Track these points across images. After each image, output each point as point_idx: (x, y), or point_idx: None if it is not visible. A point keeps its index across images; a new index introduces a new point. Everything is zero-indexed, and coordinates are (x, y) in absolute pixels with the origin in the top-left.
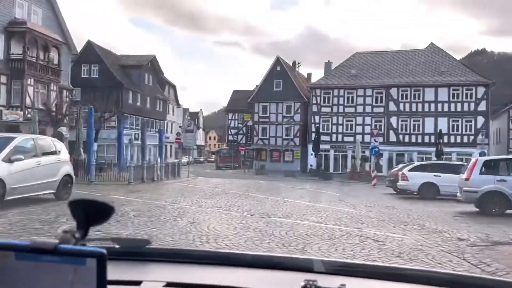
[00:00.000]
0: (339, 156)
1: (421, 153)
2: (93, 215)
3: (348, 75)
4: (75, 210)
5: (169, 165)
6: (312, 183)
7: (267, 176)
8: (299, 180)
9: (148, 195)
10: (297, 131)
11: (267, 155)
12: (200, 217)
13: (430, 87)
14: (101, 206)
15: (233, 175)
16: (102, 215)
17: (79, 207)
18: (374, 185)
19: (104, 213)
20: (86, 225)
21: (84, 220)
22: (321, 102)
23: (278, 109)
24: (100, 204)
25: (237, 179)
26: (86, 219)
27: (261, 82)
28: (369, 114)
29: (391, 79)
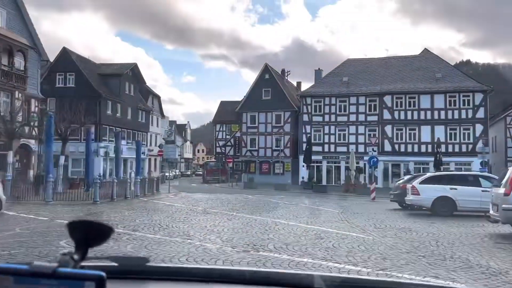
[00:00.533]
0: (332, 168)
1: (418, 163)
2: (91, 236)
3: (339, 83)
4: (73, 232)
5: (145, 180)
6: (305, 197)
7: (256, 190)
8: (291, 194)
9: (107, 218)
10: (288, 141)
11: (256, 167)
12: (160, 253)
13: (425, 94)
14: (99, 227)
15: (220, 190)
16: (100, 236)
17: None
18: (374, 198)
19: (103, 234)
20: (85, 247)
21: (83, 241)
22: (312, 111)
23: (267, 118)
24: (98, 225)
25: (223, 194)
26: (84, 241)
27: (249, 90)
28: (363, 123)
29: (385, 86)
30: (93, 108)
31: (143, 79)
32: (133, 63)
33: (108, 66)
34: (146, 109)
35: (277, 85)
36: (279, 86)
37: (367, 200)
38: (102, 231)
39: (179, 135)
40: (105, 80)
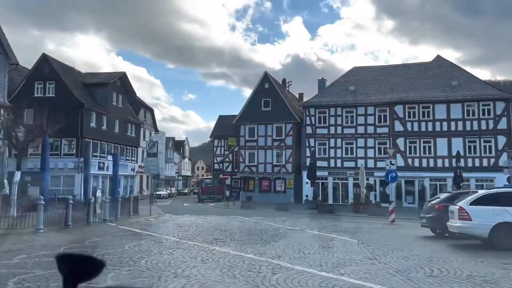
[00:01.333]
0: (339, 185)
1: (434, 180)
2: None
3: (345, 92)
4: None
5: (117, 200)
6: (311, 219)
7: (255, 210)
8: (294, 215)
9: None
10: (289, 156)
11: (255, 184)
12: None
13: (441, 103)
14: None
15: (213, 210)
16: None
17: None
18: (393, 221)
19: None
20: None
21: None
22: (316, 123)
23: (267, 131)
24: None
25: (215, 216)
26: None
27: (247, 101)
28: (372, 136)
29: (396, 94)
30: (74, 119)
31: (132, 89)
32: (121, 72)
33: (94, 75)
34: (136, 122)
35: (278, 94)
36: (279, 95)
37: (384, 223)
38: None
39: (177, 151)
40: (90, 89)
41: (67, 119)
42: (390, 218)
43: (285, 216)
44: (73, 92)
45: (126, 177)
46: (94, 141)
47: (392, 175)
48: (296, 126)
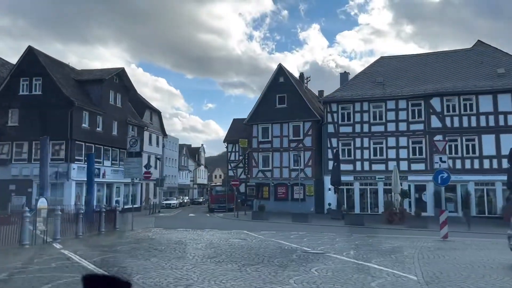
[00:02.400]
0: (367, 191)
1: (480, 183)
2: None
3: (372, 84)
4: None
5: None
6: (336, 234)
7: (267, 222)
8: (315, 228)
9: None
10: (309, 159)
11: (270, 191)
12: None
13: (486, 94)
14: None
15: (218, 222)
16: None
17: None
18: (446, 237)
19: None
20: None
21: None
22: (338, 120)
23: (282, 131)
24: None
25: (216, 230)
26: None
27: (260, 97)
28: (405, 134)
29: (431, 85)
30: (63, 119)
31: (133, 88)
32: (119, 67)
33: (90, 72)
34: (139, 124)
35: (295, 89)
36: (297, 90)
37: (434, 239)
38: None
39: (192, 159)
40: (84, 87)
41: (55, 119)
42: (442, 232)
43: (304, 229)
44: (62, 89)
45: (127, 185)
46: (87, 144)
47: (443, 175)
48: (316, 125)
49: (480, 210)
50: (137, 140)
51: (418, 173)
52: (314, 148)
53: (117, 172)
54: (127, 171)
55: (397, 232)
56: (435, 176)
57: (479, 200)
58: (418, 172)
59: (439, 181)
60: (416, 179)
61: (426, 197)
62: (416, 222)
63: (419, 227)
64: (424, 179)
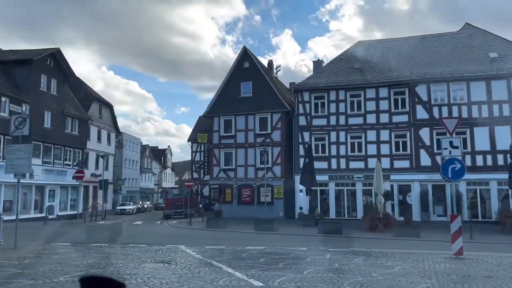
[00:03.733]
0: (344, 193)
1: (473, 183)
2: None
3: (349, 70)
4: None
5: None
6: (308, 248)
7: (224, 230)
8: (282, 238)
9: None
10: (278, 156)
11: (233, 194)
12: None
13: (478, 80)
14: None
15: (162, 233)
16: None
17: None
18: (460, 253)
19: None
20: None
21: None
22: (311, 111)
23: (247, 123)
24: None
25: (144, 245)
26: None
27: (222, 85)
28: (387, 126)
29: (416, 70)
30: None
31: (72, 73)
32: (54, 48)
33: (17, 52)
34: (80, 116)
35: (262, 76)
36: (264, 77)
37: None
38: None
39: (157, 161)
40: (8, 70)
41: None
42: (455, 247)
43: (266, 241)
44: None
45: (65, 188)
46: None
47: (455, 166)
48: (286, 117)
49: (473, 213)
50: (24, 120)
51: (402, 172)
52: (284, 144)
53: (51, 172)
54: (10, 164)
55: (386, 244)
56: (444, 167)
57: (471, 203)
58: (402, 171)
59: (449, 174)
60: (399, 178)
61: (411, 199)
62: (405, 229)
63: (410, 235)
64: (409, 178)
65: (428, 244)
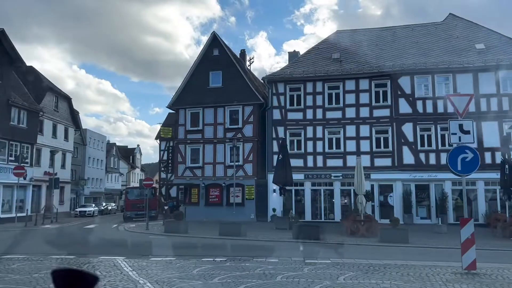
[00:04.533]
0: (320, 193)
1: (458, 183)
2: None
3: (327, 61)
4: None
5: None
6: (279, 261)
7: (184, 236)
8: (251, 244)
9: None
10: (250, 152)
11: (200, 194)
12: None
13: (465, 72)
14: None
15: (110, 239)
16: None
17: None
18: (472, 266)
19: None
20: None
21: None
22: (286, 104)
23: (217, 117)
24: (83, 274)
25: (69, 260)
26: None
27: (189, 74)
28: (367, 121)
29: (399, 61)
30: None
31: (18, 57)
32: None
33: None
34: (30, 107)
35: (233, 65)
36: (235, 66)
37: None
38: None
39: (125, 160)
40: None
41: None
42: (467, 259)
43: (231, 248)
44: None
45: (9, 187)
46: None
47: (466, 156)
48: (259, 110)
49: (458, 215)
50: None
51: (383, 170)
52: (256, 139)
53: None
54: None
55: (373, 252)
56: (451, 158)
57: (456, 204)
58: (383, 169)
59: (458, 166)
60: (380, 177)
61: (392, 200)
62: (390, 234)
63: (397, 241)
64: (390, 177)
65: (420, 252)
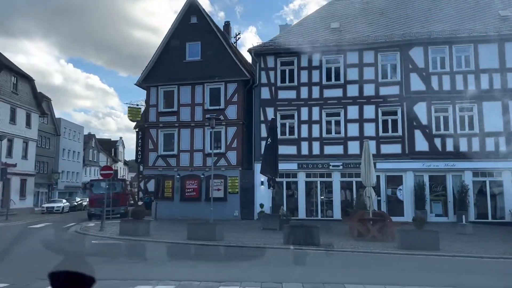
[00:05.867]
0: (316, 186)
1: (480, 174)
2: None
3: (325, 30)
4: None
5: None
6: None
7: (144, 239)
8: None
9: None
10: (233, 138)
11: (174, 187)
12: None
13: (488, 43)
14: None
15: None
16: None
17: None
18: None
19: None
20: None
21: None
22: (277, 81)
23: (195, 96)
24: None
25: None
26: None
27: (162, 46)
28: (372, 100)
29: (411, 29)
30: None
31: None
32: None
33: None
34: None
35: (214, 35)
36: (217, 36)
37: None
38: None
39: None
40: None
41: None
42: None
43: (195, 263)
44: None
45: None
46: None
47: None
48: (245, 88)
49: (480, 213)
50: None
51: (392, 158)
52: (241, 122)
53: None
54: None
55: (400, 267)
56: None
57: (478, 198)
58: (392, 157)
59: None
60: (388, 167)
61: (402, 195)
62: (413, 237)
63: (422, 247)
64: (400, 167)
65: (463, 265)
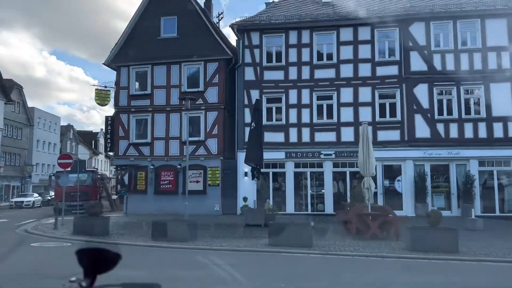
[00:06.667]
0: (306, 176)
1: (487, 162)
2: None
3: (316, 4)
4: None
5: None
6: None
7: (93, 241)
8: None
9: None
10: (214, 124)
11: (148, 179)
12: None
13: (496, 18)
14: (107, 253)
15: None
16: (108, 263)
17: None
18: None
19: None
20: (93, 273)
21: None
22: (262, 61)
23: (171, 77)
24: (106, 252)
25: None
26: (93, 267)
27: (133, 21)
28: (368, 82)
29: (411, 2)
30: None
31: None
32: None
33: None
34: None
35: (192, 9)
36: (195, 11)
37: None
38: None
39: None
40: None
41: None
42: None
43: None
44: None
45: None
46: None
47: None
48: (227, 68)
49: (487, 206)
50: None
51: (390, 146)
52: (222, 107)
53: None
54: None
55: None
56: None
57: (484, 190)
58: (390, 145)
59: None
60: (385, 155)
61: (400, 186)
62: (425, 236)
63: (438, 249)
64: (398, 155)
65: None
